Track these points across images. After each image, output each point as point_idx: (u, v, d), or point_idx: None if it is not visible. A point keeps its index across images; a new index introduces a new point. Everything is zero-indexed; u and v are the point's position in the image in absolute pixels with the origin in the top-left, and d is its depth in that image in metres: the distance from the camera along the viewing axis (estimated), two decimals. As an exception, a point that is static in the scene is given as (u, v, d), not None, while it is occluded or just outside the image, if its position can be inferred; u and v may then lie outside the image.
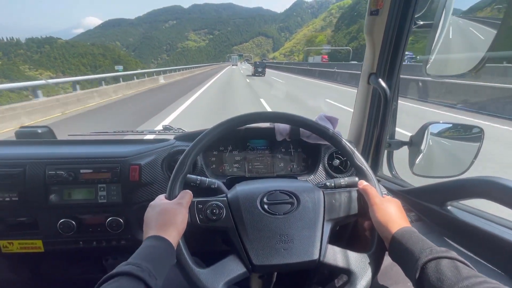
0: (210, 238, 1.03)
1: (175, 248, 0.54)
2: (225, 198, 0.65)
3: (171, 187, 0.62)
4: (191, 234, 0.63)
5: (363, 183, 0.65)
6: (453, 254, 0.47)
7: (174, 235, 0.54)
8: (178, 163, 0.64)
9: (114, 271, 0.44)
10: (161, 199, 0.61)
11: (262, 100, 10.30)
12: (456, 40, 0.86)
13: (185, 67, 26.51)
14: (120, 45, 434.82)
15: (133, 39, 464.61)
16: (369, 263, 0.58)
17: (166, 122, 6.27)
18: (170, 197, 0.61)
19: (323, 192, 0.66)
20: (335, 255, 0.60)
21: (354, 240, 1.01)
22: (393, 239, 0.54)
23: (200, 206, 0.62)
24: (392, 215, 0.58)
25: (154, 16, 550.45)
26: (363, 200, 0.65)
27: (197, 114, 7.51)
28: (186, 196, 0.61)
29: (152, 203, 0.61)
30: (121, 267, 0.45)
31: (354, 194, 0.66)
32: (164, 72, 19.80)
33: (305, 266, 0.59)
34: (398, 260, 0.54)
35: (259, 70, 23.79)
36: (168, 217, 0.56)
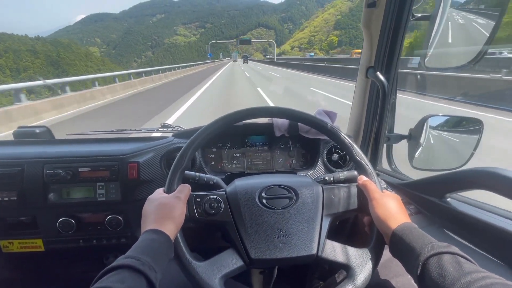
0: (210, 235, 1.03)
1: (173, 242, 0.54)
2: (224, 193, 0.65)
3: (170, 181, 0.62)
4: (191, 231, 0.62)
5: (363, 179, 0.65)
6: (455, 249, 0.46)
7: (172, 228, 0.54)
8: (177, 157, 0.64)
9: (114, 264, 0.44)
10: (159, 192, 0.61)
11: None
12: (454, 32, 0.86)
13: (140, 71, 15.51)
14: (101, 42, 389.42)
15: (116, 35, 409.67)
16: (368, 258, 0.58)
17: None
18: (169, 190, 0.61)
19: (322, 187, 0.66)
20: (334, 250, 0.59)
21: (354, 235, 1.01)
22: (393, 235, 0.54)
23: (198, 200, 0.62)
24: (392, 210, 0.58)
25: (141, 10, 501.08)
26: (362, 196, 0.64)
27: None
28: (185, 190, 0.61)
29: (150, 196, 0.61)
30: (121, 260, 0.44)
31: (354, 189, 0.65)
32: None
33: (303, 261, 0.58)
34: (398, 256, 0.53)
35: (245, 60, 51.20)
36: (166, 211, 0.56)
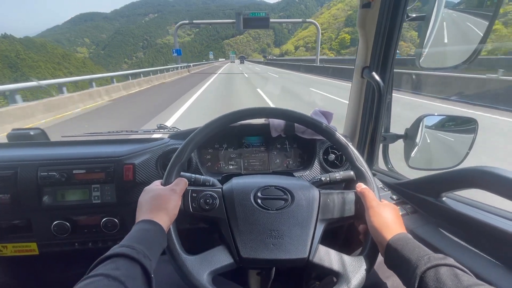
0: (208, 236, 1.02)
1: (166, 233, 0.54)
2: (220, 189, 0.65)
3: (167, 174, 0.62)
4: (189, 232, 0.62)
5: (361, 186, 0.64)
6: (451, 261, 0.46)
7: (165, 220, 0.54)
8: (177, 151, 0.64)
9: (109, 252, 0.44)
10: (156, 184, 0.62)
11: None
12: (448, 32, 0.86)
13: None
14: (90, 42, 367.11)
15: (106, 35, 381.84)
16: (361, 266, 0.57)
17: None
18: (166, 183, 0.61)
19: (320, 192, 0.65)
20: (325, 256, 0.58)
21: (348, 243, 1.01)
22: (388, 246, 0.53)
23: (194, 195, 0.62)
24: (388, 220, 0.57)
25: (133, 9, 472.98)
26: (360, 203, 0.63)
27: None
28: (181, 183, 0.61)
29: (146, 187, 0.61)
30: (116, 249, 0.44)
31: (351, 196, 0.65)
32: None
33: (293, 264, 0.58)
34: (394, 268, 0.52)
35: (241, 61, 65.54)
36: (160, 202, 0.56)
